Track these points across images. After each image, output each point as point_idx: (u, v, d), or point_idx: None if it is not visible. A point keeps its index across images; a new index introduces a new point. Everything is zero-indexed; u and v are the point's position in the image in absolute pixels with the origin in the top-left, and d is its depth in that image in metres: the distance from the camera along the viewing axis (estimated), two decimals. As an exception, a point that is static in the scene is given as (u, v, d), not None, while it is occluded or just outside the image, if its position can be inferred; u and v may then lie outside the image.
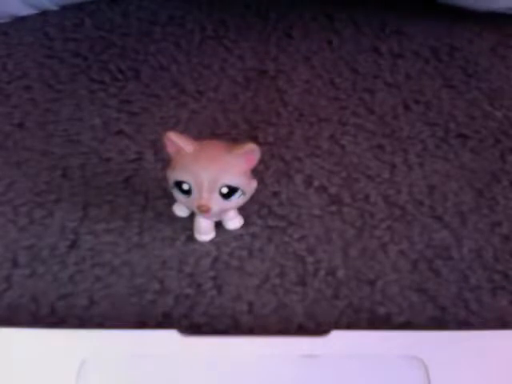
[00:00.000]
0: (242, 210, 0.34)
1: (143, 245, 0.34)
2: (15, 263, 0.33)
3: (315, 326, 0.31)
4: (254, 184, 0.33)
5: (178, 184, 0.32)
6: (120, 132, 0.40)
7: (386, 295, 0.32)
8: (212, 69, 0.45)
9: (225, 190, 0.31)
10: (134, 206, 0.36)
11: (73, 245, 0.34)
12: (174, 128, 0.40)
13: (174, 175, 0.32)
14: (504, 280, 0.33)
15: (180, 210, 0.35)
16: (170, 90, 0.43)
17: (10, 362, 0.29)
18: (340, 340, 0.29)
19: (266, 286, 0.33)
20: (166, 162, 0.34)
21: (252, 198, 0.33)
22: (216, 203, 0.31)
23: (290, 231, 0.35)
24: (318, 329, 0.31)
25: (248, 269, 0.34)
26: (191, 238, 0.35)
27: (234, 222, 0.35)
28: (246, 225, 0.35)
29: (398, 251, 0.34)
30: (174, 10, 0.49)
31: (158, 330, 0.30)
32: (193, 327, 0.31)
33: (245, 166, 0.32)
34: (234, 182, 0.31)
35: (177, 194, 0.32)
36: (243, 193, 0.32)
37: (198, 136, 0.36)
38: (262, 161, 0.33)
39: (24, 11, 0.48)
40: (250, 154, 0.31)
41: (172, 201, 0.35)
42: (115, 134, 0.40)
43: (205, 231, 0.34)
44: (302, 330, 0.31)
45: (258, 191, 0.33)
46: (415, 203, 0.37)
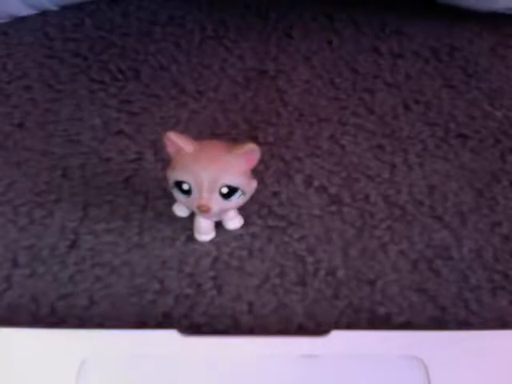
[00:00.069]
0: (242, 210, 0.34)
1: (143, 245, 0.34)
2: (15, 263, 0.33)
3: (315, 326, 0.31)
4: (254, 184, 0.33)
5: (178, 184, 0.32)
6: (120, 132, 0.40)
7: (386, 295, 0.32)
8: (212, 69, 0.45)
9: (225, 190, 0.31)
10: (134, 206, 0.36)
11: (73, 245, 0.34)
12: (174, 128, 0.40)
13: (174, 175, 0.32)
14: (504, 280, 0.33)
15: (180, 210, 0.35)
16: (170, 90, 0.43)
17: (10, 361, 0.29)
18: (340, 340, 0.29)
19: (266, 286, 0.33)
20: (166, 162, 0.34)
21: (252, 198, 0.33)
22: (216, 203, 0.31)
23: (290, 231, 0.35)
24: (318, 329, 0.31)
25: (248, 269, 0.34)
26: (191, 238, 0.35)
27: (233, 222, 0.35)
28: (245, 225, 0.35)
29: (398, 251, 0.34)
30: (174, 9, 0.49)
31: (158, 330, 0.30)
32: (193, 327, 0.31)
33: (245, 166, 0.32)
34: (234, 182, 0.31)
35: (177, 194, 0.32)
36: (243, 193, 0.32)
37: (198, 136, 0.36)
38: (262, 161, 0.33)
39: (24, 11, 0.48)
40: (250, 154, 0.31)
41: (172, 201, 0.35)
42: (115, 133, 0.40)
43: (205, 231, 0.34)
44: (301, 330, 0.31)
45: (258, 191, 0.33)
46: (415, 203, 0.37)
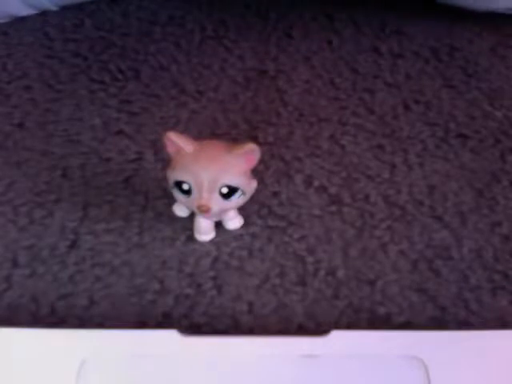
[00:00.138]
0: (242, 210, 0.34)
1: (143, 245, 0.34)
2: (15, 263, 0.33)
3: (315, 326, 0.31)
4: (254, 184, 0.33)
5: (178, 184, 0.32)
6: (120, 132, 0.40)
7: (386, 295, 0.32)
8: (212, 69, 0.45)
9: (225, 190, 0.31)
10: (134, 206, 0.36)
11: (73, 245, 0.34)
12: (174, 128, 0.40)
13: (174, 175, 0.32)
14: (504, 280, 0.33)
15: (180, 210, 0.35)
16: (170, 90, 0.43)
17: (10, 361, 0.29)
18: (340, 340, 0.29)
19: (266, 286, 0.33)
20: (166, 162, 0.34)
21: (252, 198, 0.33)
22: (216, 203, 0.31)
23: (290, 231, 0.35)
24: (318, 329, 0.31)
25: (248, 269, 0.34)
26: (191, 238, 0.35)
27: (233, 222, 0.35)
28: (245, 225, 0.35)
29: (398, 251, 0.34)
30: (174, 9, 0.49)
31: (158, 330, 0.30)
32: (193, 327, 0.31)
33: (245, 166, 0.32)
34: (234, 182, 0.31)
35: (177, 194, 0.32)
36: (243, 193, 0.32)
37: (198, 136, 0.36)
38: (262, 161, 0.33)
39: (24, 11, 0.48)
40: (250, 154, 0.31)
41: (172, 201, 0.35)
42: (115, 133, 0.40)
43: (205, 231, 0.34)
44: (301, 330, 0.31)
45: (258, 191, 0.33)
46: (415, 203, 0.37)
